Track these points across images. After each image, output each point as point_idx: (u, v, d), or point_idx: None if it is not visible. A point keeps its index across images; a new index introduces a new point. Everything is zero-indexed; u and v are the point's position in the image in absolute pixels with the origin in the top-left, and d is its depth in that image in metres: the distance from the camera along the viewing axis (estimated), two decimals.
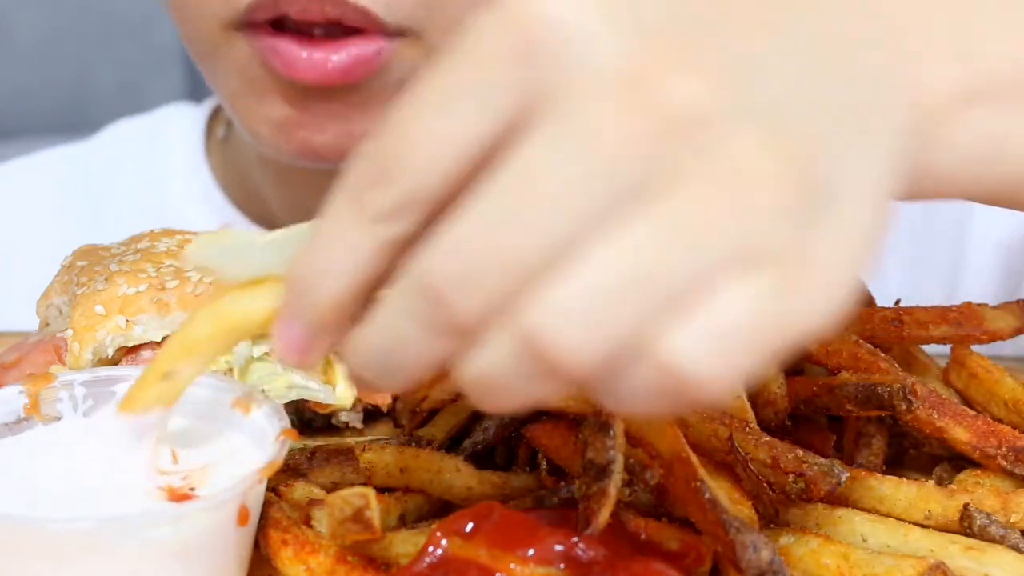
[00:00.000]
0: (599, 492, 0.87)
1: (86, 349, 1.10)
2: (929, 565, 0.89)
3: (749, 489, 0.94)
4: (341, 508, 0.88)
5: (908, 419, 1.05)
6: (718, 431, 0.97)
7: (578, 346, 0.67)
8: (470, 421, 1.09)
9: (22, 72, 4.30)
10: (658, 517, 0.91)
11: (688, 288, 0.68)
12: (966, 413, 1.06)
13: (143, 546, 0.86)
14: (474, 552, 0.86)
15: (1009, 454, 1.03)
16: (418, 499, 1.00)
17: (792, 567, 0.91)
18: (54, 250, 1.28)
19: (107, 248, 1.25)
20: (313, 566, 0.90)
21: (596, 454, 0.88)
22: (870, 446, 1.09)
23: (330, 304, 0.73)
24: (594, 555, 0.85)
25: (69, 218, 1.80)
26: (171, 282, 1.13)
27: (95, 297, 1.12)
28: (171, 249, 1.22)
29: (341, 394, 1.16)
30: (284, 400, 1.13)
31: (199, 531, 0.88)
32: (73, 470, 0.96)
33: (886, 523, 0.96)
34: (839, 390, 1.07)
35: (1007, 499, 0.99)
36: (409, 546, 0.91)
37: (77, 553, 0.86)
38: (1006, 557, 0.92)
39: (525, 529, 0.87)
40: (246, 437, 0.99)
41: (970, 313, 1.13)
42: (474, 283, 0.67)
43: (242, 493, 0.90)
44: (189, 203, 1.75)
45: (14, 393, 1.01)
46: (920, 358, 1.19)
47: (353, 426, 1.18)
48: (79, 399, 1.03)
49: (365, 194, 0.70)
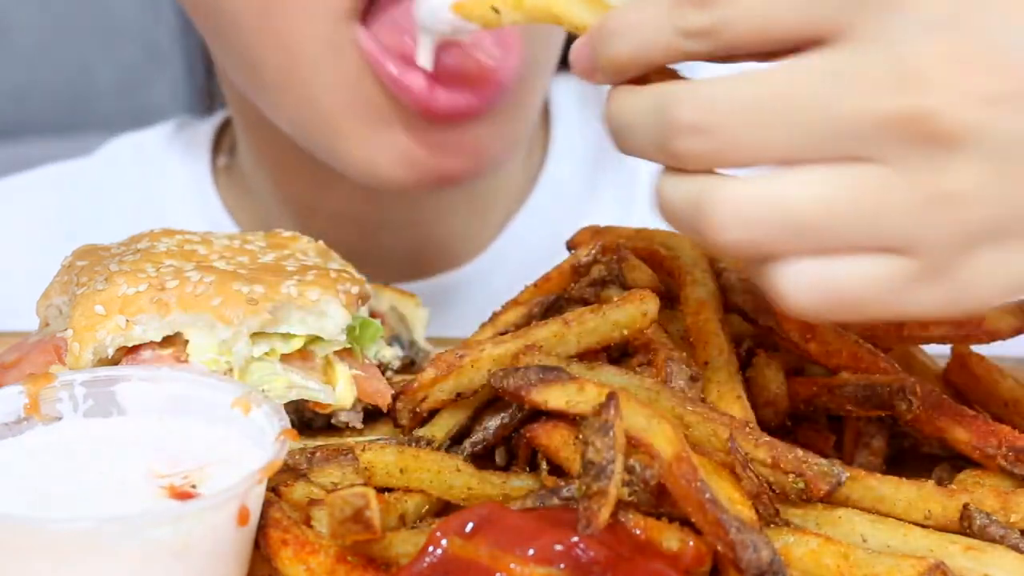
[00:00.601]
0: (599, 492, 0.87)
1: (86, 349, 1.10)
2: (929, 565, 0.89)
3: (749, 489, 0.94)
4: (341, 508, 0.88)
5: (908, 419, 1.05)
6: (718, 431, 0.97)
7: (733, 235, 0.88)
8: (470, 421, 1.09)
9: (22, 72, 4.30)
10: (658, 517, 0.91)
11: (839, 239, 0.87)
12: (966, 413, 1.06)
13: (143, 546, 0.86)
14: (474, 552, 0.87)
15: (1009, 454, 1.03)
16: (418, 499, 1.00)
17: (792, 567, 0.91)
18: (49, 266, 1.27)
19: (107, 248, 1.25)
20: (313, 566, 0.91)
21: (596, 454, 0.88)
22: (870, 446, 1.09)
23: (611, 59, 0.94)
24: (594, 555, 0.85)
25: (67, 238, 1.79)
26: (171, 282, 1.13)
27: (95, 297, 1.12)
28: (171, 249, 1.22)
29: (341, 394, 1.16)
30: (284, 400, 1.13)
31: (199, 531, 0.88)
32: (73, 470, 0.96)
33: (886, 523, 0.96)
34: (839, 390, 1.07)
35: (1007, 499, 0.99)
36: (409, 546, 0.92)
37: (77, 553, 0.86)
38: (1006, 557, 0.93)
39: (525, 529, 0.87)
40: (246, 437, 1.00)
41: None
42: (699, 134, 0.88)
43: (242, 493, 0.90)
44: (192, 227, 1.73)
45: (14, 393, 1.02)
46: (920, 358, 1.19)
47: (353, 426, 1.18)
48: (79, 399, 1.03)
49: (686, 7, 0.88)
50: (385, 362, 1.26)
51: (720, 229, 0.89)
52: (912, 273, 0.88)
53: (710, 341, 1.09)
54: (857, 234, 0.87)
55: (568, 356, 1.06)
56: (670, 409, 0.99)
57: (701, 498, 0.88)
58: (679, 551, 0.89)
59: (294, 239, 1.30)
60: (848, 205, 0.87)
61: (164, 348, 1.13)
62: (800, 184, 0.87)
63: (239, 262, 1.21)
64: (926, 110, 0.84)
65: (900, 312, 0.90)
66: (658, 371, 1.06)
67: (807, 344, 1.11)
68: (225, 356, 1.12)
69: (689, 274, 1.15)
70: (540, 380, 0.99)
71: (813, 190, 0.87)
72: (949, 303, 0.89)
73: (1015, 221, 0.87)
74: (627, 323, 1.06)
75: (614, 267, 1.17)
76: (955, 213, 0.86)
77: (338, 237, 1.48)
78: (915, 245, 0.87)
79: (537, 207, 1.73)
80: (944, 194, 0.86)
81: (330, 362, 1.18)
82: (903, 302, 0.89)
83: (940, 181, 0.85)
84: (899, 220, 0.87)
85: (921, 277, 0.88)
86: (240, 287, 1.13)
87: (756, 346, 1.14)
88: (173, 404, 1.03)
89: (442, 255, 1.71)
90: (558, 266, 1.22)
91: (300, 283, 1.16)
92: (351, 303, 1.18)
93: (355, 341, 1.19)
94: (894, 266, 0.88)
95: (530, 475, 1.03)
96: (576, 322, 1.07)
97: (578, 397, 0.97)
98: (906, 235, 0.87)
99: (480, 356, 1.06)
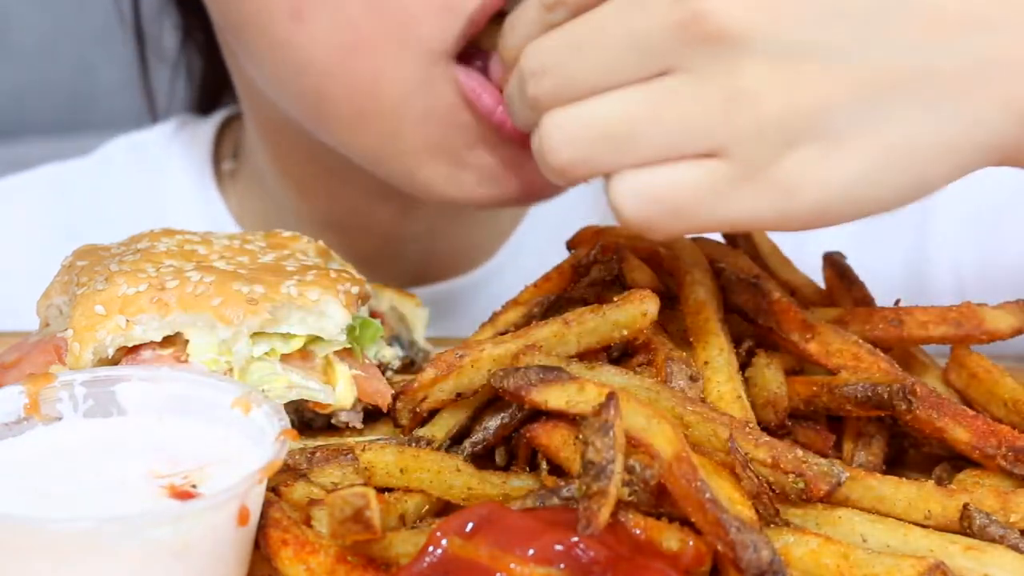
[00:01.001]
0: (599, 492, 0.87)
1: (86, 349, 1.10)
2: (929, 565, 0.89)
3: (749, 489, 0.94)
4: (341, 508, 0.88)
5: (908, 419, 1.05)
6: (718, 431, 0.97)
7: (565, 155, 0.99)
8: (470, 421, 1.09)
9: (22, 72, 4.30)
10: (658, 517, 0.91)
11: (652, 148, 0.95)
12: (966, 413, 1.06)
13: (143, 546, 0.86)
14: (474, 552, 0.87)
15: (1009, 454, 1.03)
16: (418, 499, 1.00)
17: (792, 567, 0.91)
18: (49, 266, 1.27)
19: (107, 248, 1.25)
20: (313, 566, 0.91)
21: (596, 454, 0.88)
22: (870, 446, 1.09)
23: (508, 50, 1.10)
24: (594, 555, 0.85)
25: (67, 238, 1.79)
26: (171, 282, 1.13)
27: (95, 297, 1.12)
28: (171, 249, 1.22)
29: (341, 394, 1.16)
30: (284, 400, 1.13)
31: (199, 531, 0.88)
32: (73, 470, 0.96)
33: (886, 523, 0.96)
34: (839, 390, 1.07)
35: (1007, 499, 0.99)
36: (409, 546, 0.91)
37: (77, 553, 0.86)
38: (1006, 557, 0.93)
39: (525, 529, 0.87)
40: (246, 437, 0.99)
41: (970, 313, 1.13)
42: (540, 76, 1.01)
43: (242, 493, 0.90)
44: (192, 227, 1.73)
45: (14, 393, 1.01)
46: (920, 358, 1.19)
47: (353, 426, 1.18)
48: (79, 399, 1.03)
49: None
50: (385, 362, 1.26)
51: (552, 152, 1.00)
52: (730, 176, 0.94)
53: (710, 341, 1.09)
54: (667, 141, 0.95)
55: (568, 356, 1.06)
56: (670, 409, 0.99)
57: (701, 498, 0.88)
58: (679, 551, 0.89)
59: (294, 239, 1.30)
60: (651, 113, 0.95)
61: (164, 348, 1.13)
62: (612, 100, 0.96)
63: (239, 262, 1.21)
64: (700, 12, 0.92)
65: (728, 217, 0.95)
66: (658, 371, 1.06)
67: (807, 344, 1.11)
68: (225, 356, 1.12)
69: (689, 274, 1.15)
70: (540, 380, 0.99)
71: (621, 104, 0.96)
72: (774, 208, 0.94)
73: (812, 122, 0.92)
74: (627, 323, 1.06)
75: (614, 267, 1.17)
76: (751, 111, 0.92)
77: (353, 246, 1.49)
78: (724, 146, 0.93)
79: (543, 213, 1.74)
80: (737, 92, 0.92)
81: (330, 362, 1.18)
82: (728, 207, 0.95)
83: (731, 81, 0.92)
84: (702, 122, 0.93)
85: (740, 180, 0.94)
86: (240, 287, 1.13)
87: (756, 346, 1.14)
88: (173, 404, 1.03)
89: (451, 262, 1.72)
90: (558, 266, 1.22)
91: (300, 283, 1.16)
92: (351, 303, 1.18)
93: (355, 341, 1.19)
94: (711, 169, 0.94)
95: (530, 475, 1.03)
96: (576, 322, 1.07)
97: (578, 397, 0.97)
98: (713, 137, 0.93)
99: (480, 356, 1.06)
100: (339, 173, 1.56)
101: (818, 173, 0.93)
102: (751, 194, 0.94)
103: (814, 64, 0.92)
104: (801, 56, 0.92)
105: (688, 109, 0.94)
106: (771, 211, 0.94)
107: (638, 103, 0.96)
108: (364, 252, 1.53)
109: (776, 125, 0.92)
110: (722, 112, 0.93)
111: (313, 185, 1.64)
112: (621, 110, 0.97)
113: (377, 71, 1.30)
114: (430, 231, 1.66)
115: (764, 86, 0.92)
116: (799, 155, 0.93)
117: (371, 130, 1.35)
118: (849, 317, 1.16)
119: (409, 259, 1.68)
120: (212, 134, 1.82)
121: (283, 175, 1.66)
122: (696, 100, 0.94)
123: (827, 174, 0.93)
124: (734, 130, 0.93)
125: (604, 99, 0.98)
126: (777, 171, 0.93)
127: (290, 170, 1.65)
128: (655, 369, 1.06)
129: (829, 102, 0.92)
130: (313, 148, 1.54)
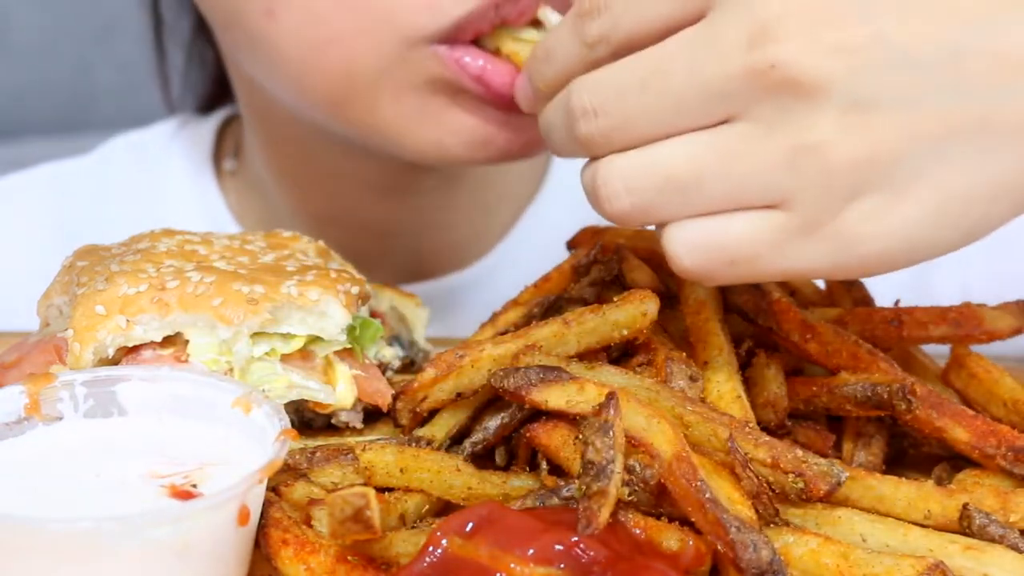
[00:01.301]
0: (599, 492, 0.87)
1: (86, 349, 1.10)
2: (929, 565, 0.89)
3: (749, 489, 0.94)
4: (341, 508, 0.88)
5: (908, 419, 1.05)
6: (718, 431, 0.97)
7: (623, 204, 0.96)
8: (470, 421, 1.09)
9: (22, 72, 4.30)
10: (658, 517, 0.91)
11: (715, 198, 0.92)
12: (966, 413, 1.06)
13: (143, 546, 0.86)
14: (474, 552, 0.87)
15: (1008, 454, 1.03)
16: (418, 499, 1.00)
17: (792, 567, 0.91)
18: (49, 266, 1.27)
19: (107, 248, 1.25)
20: (313, 566, 0.91)
21: (596, 454, 0.88)
22: (870, 446, 1.09)
23: (545, 83, 1.06)
24: (594, 555, 0.85)
25: (67, 238, 1.79)
26: (171, 282, 1.13)
27: (96, 297, 1.12)
28: (171, 249, 1.22)
29: (341, 394, 1.16)
30: (284, 400, 1.13)
31: (199, 531, 0.88)
32: (73, 470, 0.96)
33: (886, 523, 0.96)
34: (839, 390, 1.07)
35: (1006, 499, 0.99)
36: (409, 546, 0.92)
37: (77, 553, 0.86)
38: (1005, 557, 0.93)
39: (525, 529, 0.87)
40: (246, 437, 1.00)
41: (969, 313, 1.13)
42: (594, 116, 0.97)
43: (242, 493, 0.90)
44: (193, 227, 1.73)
45: (14, 393, 1.02)
46: (920, 358, 1.19)
47: (353, 426, 1.18)
48: (79, 399, 1.03)
49: (584, 20, 1.00)
50: (385, 362, 1.26)
51: (610, 200, 0.97)
52: (791, 227, 0.92)
53: (710, 341, 1.09)
54: (732, 191, 0.92)
55: (568, 356, 1.06)
56: (670, 409, 0.99)
57: (701, 498, 0.88)
58: (679, 551, 0.89)
59: (294, 239, 1.30)
60: (716, 162, 0.92)
61: (164, 348, 1.13)
62: (674, 148, 0.93)
63: (239, 262, 1.21)
64: (775, 61, 0.89)
65: (786, 269, 0.94)
66: (658, 371, 1.06)
67: (807, 344, 1.11)
68: (225, 356, 1.12)
69: None
70: (540, 380, 0.99)
71: (686, 151, 0.93)
72: (833, 260, 0.92)
73: (876, 173, 0.90)
74: (627, 323, 1.06)
75: (614, 267, 1.17)
76: (819, 163, 0.90)
77: (351, 243, 1.48)
78: (788, 198, 0.91)
79: (542, 209, 1.74)
80: (806, 145, 0.90)
81: (330, 362, 1.18)
82: (787, 257, 0.93)
83: (801, 132, 0.90)
84: (768, 174, 0.91)
85: (800, 231, 0.92)
86: (240, 287, 1.14)
87: (756, 346, 1.14)
88: (173, 404, 1.03)
89: (448, 257, 1.72)
90: (558, 266, 1.22)
91: (300, 283, 1.16)
92: (351, 303, 1.18)
93: (355, 341, 1.19)
94: (772, 221, 0.92)
95: (530, 475, 1.03)
96: (576, 322, 1.07)
97: (578, 397, 0.97)
98: (778, 188, 0.91)
99: (480, 356, 1.06)
100: (335, 168, 1.57)
101: (880, 225, 0.91)
102: (811, 245, 0.92)
103: (882, 115, 0.89)
104: (869, 106, 0.89)
105: (757, 160, 0.91)
106: (829, 262, 0.93)
107: (704, 152, 0.93)
108: (362, 247, 1.53)
109: (843, 177, 0.90)
110: (789, 163, 0.90)
111: (309, 180, 1.64)
112: (686, 158, 0.93)
113: (349, 61, 1.32)
114: (423, 225, 1.66)
115: (833, 137, 0.89)
116: (862, 206, 0.91)
117: (352, 109, 1.37)
118: (849, 317, 1.16)
119: (406, 254, 1.68)
120: (212, 133, 1.82)
121: (279, 171, 1.67)
122: (765, 151, 0.91)
123: (889, 226, 0.91)
124: (801, 182, 0.90)
125: (667, 145, 0.94)
126: (839, 223, 0.91)
127: (285, 166, 1.65)
128: (655, 369, 1.06)
129: (896, 153, 0.90)
130: (308, 143, 1.54)
